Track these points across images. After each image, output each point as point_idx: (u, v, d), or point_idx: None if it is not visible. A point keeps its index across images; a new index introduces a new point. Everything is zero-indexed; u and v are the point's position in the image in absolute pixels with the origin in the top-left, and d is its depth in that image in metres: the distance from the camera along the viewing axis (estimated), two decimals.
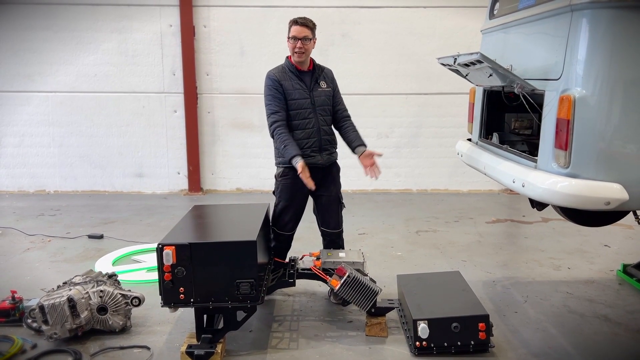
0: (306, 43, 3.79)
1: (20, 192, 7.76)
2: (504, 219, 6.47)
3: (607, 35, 2.76)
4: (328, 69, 4.08)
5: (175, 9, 7.32)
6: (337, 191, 4.03)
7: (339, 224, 4.06)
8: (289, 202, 3.94)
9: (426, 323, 3.24)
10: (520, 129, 4.24)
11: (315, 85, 3.90)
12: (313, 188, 3.70)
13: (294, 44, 3.79)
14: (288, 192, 3.92)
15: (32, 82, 7.49)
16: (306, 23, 3.80)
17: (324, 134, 3.91)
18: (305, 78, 3.90)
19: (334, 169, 4.05)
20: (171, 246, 3.04)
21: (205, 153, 7.77)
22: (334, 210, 4.02)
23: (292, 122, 3.85)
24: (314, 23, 3.87)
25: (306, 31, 3.78)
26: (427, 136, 7.77)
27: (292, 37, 3.79)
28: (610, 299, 4.12)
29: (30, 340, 3.38)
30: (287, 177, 3.90)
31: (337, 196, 4.02)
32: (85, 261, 4.91)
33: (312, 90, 3.88)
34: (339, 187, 4.06)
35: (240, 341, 3.47)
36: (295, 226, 4.04)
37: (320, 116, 3.89)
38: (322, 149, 3.89)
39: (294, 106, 3.83)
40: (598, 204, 2.79)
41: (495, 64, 3.12)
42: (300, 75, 3.88)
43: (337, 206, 4.03)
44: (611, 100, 2.77)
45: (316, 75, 3.92)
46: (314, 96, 3.88)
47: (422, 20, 7.49)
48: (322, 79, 3.96)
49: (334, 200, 4.01)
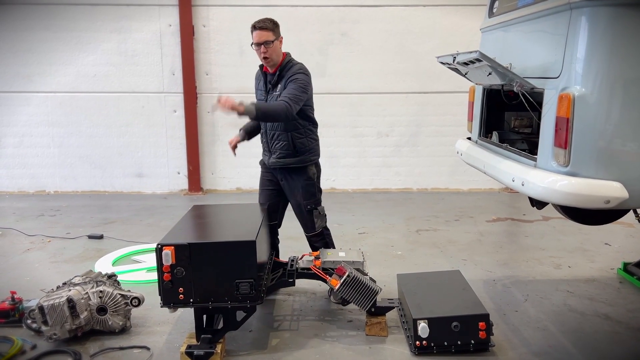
0: (269, 46, 3.69)
1: (20, 192, 7.76)
2: (505, 218, 6.46)
3: (606, 33, 2.75)
4: (298, 66, 3.82)
5: (175, 9, 7.32)
6: (299, 199, 3.93)
7: (308, 228, 4.02)
8: (260, 190, 4.17)
9: (426, 322, 3.24)
10: (520, 128, 4.23)
11: (272, 89, 3.84)
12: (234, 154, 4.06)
13: (258, 49, 3.72)
14: (260, 180, 4.20)
15: (31, 83, 7.49)
16: (265, 26, 3.68)
17: (270, 138, 3.92)
18: (268, 80, 3.89)
19: (299, 174, 3.90)
20: (170, 246, 3.03)
21: (205, 153, 7.76)
22: (301, 215, 4.01)
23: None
24: (274, 23, 3.75)
25: (266, 34, 3.67)
26: (427, 135, 7.76)
27: (255, 43, 3.72)
28: (611, 297, 4.11)
29: (29, 341, 3.38)
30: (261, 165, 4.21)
31: (302, 203, 3.93)
32: (85, 261, 4.91)
33: (268, 93, 3.88)
34: (305, 195, 3.91)
35: (240, 341, 3.46)
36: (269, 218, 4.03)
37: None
38: (271, 151, 3.94)
39: None
40: (598, 203, 2.78)
41: (495, 62, 3.11)
42: (265, 76, 3.90)
43: (305, 212, 3.96)
44: (611, 98, 2.76)
45: (275, 79, 3.80)
46: (268, 99, 3.86)
47: (422, 19, 7.48)
48: (281, 81, 3.78)
49: (299, 205, 3.96)
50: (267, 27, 3.68)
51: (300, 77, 3.72)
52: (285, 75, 3.76)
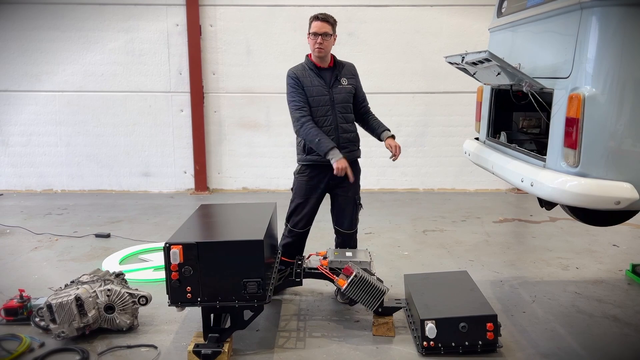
0: (326, 39, 3.77)
1: (28, 191, 7.80)
2: (512, 219, 6.44)
3: (617, 33, 2.73)
4: (349, 64, 4.03)
5: (182, 8, 7.34)
6: (354, 192, 4.01)
7: (352, 225, 4.05)
8: (303, 200, 3.95)
9: (434, 323, 3.23)
10: (529, 128, 4.22)
11: (336, 82, 3.89)
12: (352, 180, 3.77)
13: (314, 39, 3.77)
14: (302, 190, 3.94)
15: (39, 82, 7.53)
16: (327, 19, 3.77)
17: (342, 132, 3.89)
18: (325, 75, 3.88)
19: (356, 168, 4.02)
20: (178, 245, 3.04)
21: (212, 152, 7.78)
22: (349, 210, 4.01)
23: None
24: (334, 19, 3.84)
25: (327, 27, 3.76)
26: (434, 135, 7.74)
27: (312, 33, 3.77)
28: (619, 299, 4.09)
29: (38, 339, 3.39)
30: (303, 174, 3.94)
31: (353, 197, 4.00)
32: (93, 260, 4.92)
33: (331, 87, 3.87)
34: (357, 188, 4.03)
35: (247, 340, 3.46)
36: (307, 225, 4.04)
37: (339, 113, 3.87)
38: (341, 147, 3.83)
39: (312, 103, 3.83)
40: (608, 204, 2.76)
41: (504, 62, 3.10)
42: (319, 72, 3.88)
43: (352, 207, 4.01)
44: (621, 98, 2.74)
45: (337, 72, 3.90)
46: (333, 93, 3.86)
47: (429, 18, 7.46)
48: (343, 75, 3.93)
49: (350, 200, 3.99)
50: (329, 21, 3.79)
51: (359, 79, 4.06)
52: (342, 70, 3.93)
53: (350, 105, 3.95)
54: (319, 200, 4.00)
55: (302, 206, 3.96)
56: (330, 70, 3.90)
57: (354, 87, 3.96)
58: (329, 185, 3.96)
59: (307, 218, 3.99)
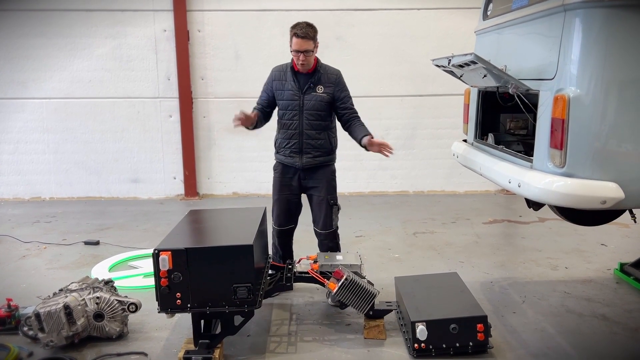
0: (308, 55, 3.82)
1: (16, 199, 7.73)
2: (501, 220, 6.47)
3: (600, 35, 2.76)
4: (334, 71, 4.03)
5: (169, 14, 7.32)
6: (327, 193, 4.05)
7: (327, 225, 4.07)
8: (278, 196, 4.13)
9: (424, 325, 3.23)
10: (516, 129, 4.25)
11: (309, 89, 3.91)
12: (234, 124, 3.93)
13: (297, 56, 3.82)
14: (277, 186, 4.13)
15: (26, 89, 7.47)
16: (307, 35, 3.77)
17: (306, 138, 3.95)
18: (300, 80, 3.91)
19: (325, 171, 4.06)
20: (167, 251, 3.02)
21: (201, 158, 7.75)
22: (323, 210, 4.06)
23: (281, 120, 4.04)
24: (314, 30, 3.85)
25: (307, 44, 3.78)
26: (423, 138, 7.77)
27: (294, 50, 3.81)
28: (608, 297, 4.12)
29: (26, 348, 3.35)
30: (276, 171, 4.15)
31: (326, 198, 4.04)
32: (82, 268, 4.88)
33: (303, 93, 3.90)
34: (330, 190, 4.07)
35: (238, 346, 3.45)
36: (287, 222, 4.15)
37: (306, 120, 3.93)
38: (303, 152, 3.97)
39: (281, 106, 4.00)
40: (594, 203, 2.79)
41: (489, 64, 3.12)
42: (296, 76, 3.90)
43: (327, 207, 4.04)
44: (606, 99, 2.77)
45: (314, 79, 3.92)
46: (304, 99, 3.90)
47: (417, 22, 7.50)
48: (321, 82, 3.93)
49: (323, 200, 4.05)
50: (309, 36, 3.79)
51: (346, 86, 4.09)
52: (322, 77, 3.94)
53: (321, 113, 3.95)
54: (293, 198, 4.12)
55: (278, 202, 4.12)
56: (307, 76, 3.92)
57: (329, 96, 3.95)
58: (302, 185, 4.09)
59: (285, 215, 4.10)
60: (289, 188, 4.09)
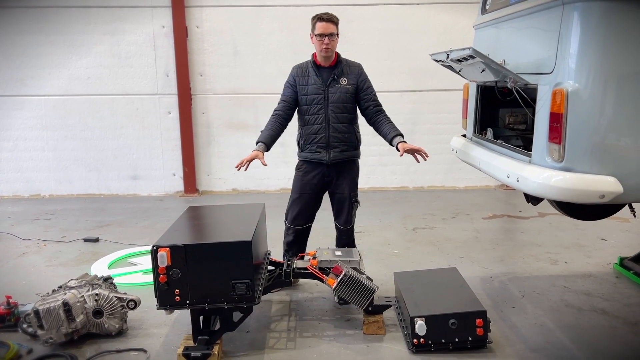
0: (333, 39, 3.83)
1: (15, 196, 7.73)
2: (501, 215, 6.47)
3: (599, 28, 2.74)
4: (356, 64, 4.03)
5: (168, 10, 7.30)
6: (350, 190, 4.06)
7: (347, 222, 4.10)
8: (298, 195, 4.07)
9: (424, 320, 3.23)
10: (515, 124, 4.24)
11: (333, 81, 3.91)
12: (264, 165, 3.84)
13: (321, 40, 3.82)
14: (297, 185, 4.07)
15: (25, 86, 7.46)
16: (331, 19, 3.82)
17: (333, 131, 3.92)
18: (323, 74, 3.92)
19: (351, 167, 4.06)
20: (165, 248, 3.02)
21: (201, 154, 7.75)
22: (345, 207, 4.07)
23: (304, 117, 3.98)
24: (337, 18, 3.89)
25: (332, 27, 3.82)
26: (422, 133, 7.75)
27: (319, 34, 3.80)
28: (607, 292, 4.12)
29: (25, 346, 3.35)
30: (299, 170, 4.09)
31: (349, 195, 4.05)
32: (81, 265, 4.89)
33: (327, 86, 3.89)
34: (353, 187, 4.08)
35: (238, 342, 3.45)
36: (305, 221, 4.13)
37: (332, 113, 3.91)
38: (330, 146, 3.93)
39: (306, 101, 3.93)
40: (593, 197, 2.78)
41: (488, 58, 3.11)
42: (319, 70, 3.91)
43: (348, 204, 4.06)
44: (604, 93, 2.76)
45: (337, 72, 3.92)
46: (328, 92, 3.89)
47: (416, 17, 7.48)
48: (344, 75, 3.94)
49: (345, 198, 4.06)
50: (334, 21, 3.85)
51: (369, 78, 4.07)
52: (344, 70, 3.93)
53: (347, 105, 3.95)
54: (314, 196, 4.07)
55: (297, 201, 4.06)
56: (330, 69, 3.93)
57: (353, 87, 3.96)
58: (325, 183, 4.05)
59: (304, 214, 4.07)
60: (310, 187, 4.04)
